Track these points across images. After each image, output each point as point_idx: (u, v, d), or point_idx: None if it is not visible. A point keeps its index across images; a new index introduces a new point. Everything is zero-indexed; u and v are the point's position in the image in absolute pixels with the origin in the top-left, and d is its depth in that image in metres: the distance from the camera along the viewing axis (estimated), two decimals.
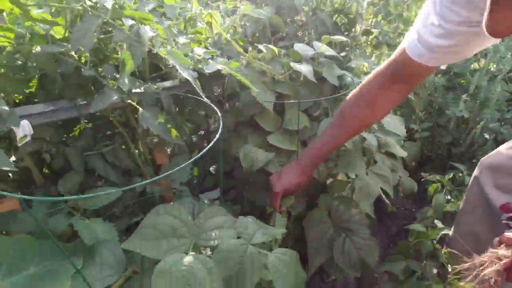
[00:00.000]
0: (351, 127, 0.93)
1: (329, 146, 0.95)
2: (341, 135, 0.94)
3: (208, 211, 0.72)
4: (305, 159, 0.98)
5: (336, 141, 0.95)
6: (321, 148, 0.96)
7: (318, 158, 0.98)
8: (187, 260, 0.59)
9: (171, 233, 0.67)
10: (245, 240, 0.64)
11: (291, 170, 0.98)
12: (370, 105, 0.88)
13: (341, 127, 0.94)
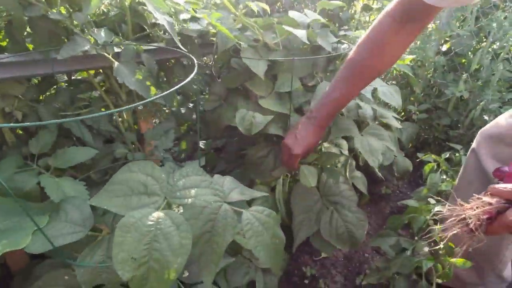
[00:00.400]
0: (363, 76, 0.87)
1: (343, 99, 0.90)
2: (354, 86, 0.89)
3: (183, 170, 0.67)
4: (320, 116, 0.91)
5: (350, 93, 0.90)
6: (335, 102, 0.90)
7: (333, 113, 0.92)
8: (154, 216, 0.55)
9: (142, 190, 0.63)
10: (220, 198, 0.59)
11: (307, 129, 0.91)
12: (381, 50, 0.83)
13: (353, 78, 0.88)
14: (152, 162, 0.67)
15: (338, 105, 0.91)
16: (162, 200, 0.62)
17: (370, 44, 0.84)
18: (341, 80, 0.89)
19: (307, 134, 0.91)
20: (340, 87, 0.89)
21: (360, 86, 0.91)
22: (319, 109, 0.92)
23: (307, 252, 1.36)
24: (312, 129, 0.91)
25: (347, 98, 0.91)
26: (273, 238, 0.58)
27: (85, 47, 0.68)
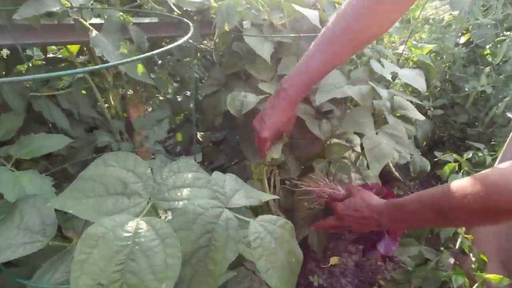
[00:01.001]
0: (350, 42, 0.70)
1: (322, 67, 0.72)
2: (337, 53, 0.71)
3: (174, 165, 0.53)
4: (292, 88, 0.73)
5: (331, 61, 0.72)
6: (312, 71, 0.72)
7: (308, 85, 0.74)
8: (132, 225, 0.41)
9: (120, 189, 0.49)
10: (220, 202, 0.46)
11: (276, 105, 0.74)
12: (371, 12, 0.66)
13: (337, 43, 0.70)
14: (134, 154, 0.53)
15: (315, 75, 0.73)
16: (146, 203, 0.49)
17: (350, 13, 0.68)
18: (321, 45, 0.71)
19: (274, 113, 0.74)
20: (319, 52, 0.71)
21: (344, 53, 0.73)
22: (291, 79, 0.74)
23: (314, 258, 1.23)
24: (281, 105, 0.74)
25: (326, 67, 0.73)
26: (289, 256, 0.44)
27: (54, 7, 0.54)
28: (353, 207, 0.71)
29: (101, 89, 0.96)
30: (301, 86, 0.73)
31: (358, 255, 1.27)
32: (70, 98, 0.78)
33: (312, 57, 0.72)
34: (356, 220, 0.71)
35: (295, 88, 0.73)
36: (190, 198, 0.49)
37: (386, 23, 0.71)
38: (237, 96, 0.85)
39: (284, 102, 0.74)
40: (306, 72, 0.72)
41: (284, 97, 0.74)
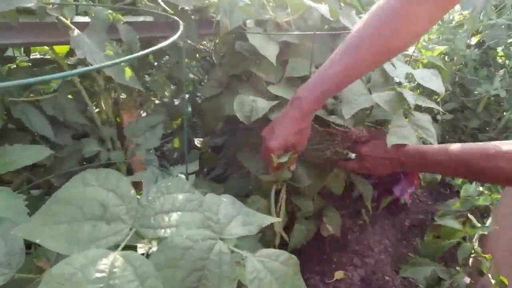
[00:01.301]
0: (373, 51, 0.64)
1: (342, 78, 0.66)
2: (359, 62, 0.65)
3: (162, 184, 0.47)
4: (307, 97, 0.67)
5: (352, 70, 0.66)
6: (331, 80, 0.65)
7: (325, 96, 0.68)
8: (107, 262, 0.35)
9: (99, 213, 0.43)
10: (213, 232, 0.39)
11: (287, 117, 0.69)
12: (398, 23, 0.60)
13: (360, 52, 0.64)
14: (117, 172, 0.47)
15: (333, 86, 0.67)
16: (128, 230, 0.42)
17: (385, 12, 0.62)
18: (342, 54, 0.66)
19: (284, 122, 0.68)
20: (340, 61, 0.65)
21: (367, 63, 0.66)
22: (306, 88, 0.68)
23: (318, 272, 1.16)
24: (292, 115, 0.68)
25: (347, 77, 0.67)
26: None
27: (28, 3, 0.47)
28: (378, 148, 0.75)
29: (91, 93, 0.90)
30: (316, 97, 0.67)
31: (364, 268, 1.20)
32: (55, 104, 0.72)
33: (332, 66, 0.66)
34: (379, 161, 0.76)
35: (309, 99, 0.67)
36: (179, 225, 0.42)
37: (414, 36, 0.64)
38: (246, 101, 0.78)
39: (296, 112, 0.68)
40: (322, 82, 0.66)
41: (297, 107, 0.68)
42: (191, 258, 0.36)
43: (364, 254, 1.27)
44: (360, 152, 0.78)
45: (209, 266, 0.37)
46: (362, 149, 0.78)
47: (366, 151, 0.77)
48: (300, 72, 0.87)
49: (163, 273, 0.35)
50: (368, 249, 1.30)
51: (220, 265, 0.37)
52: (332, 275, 1.14)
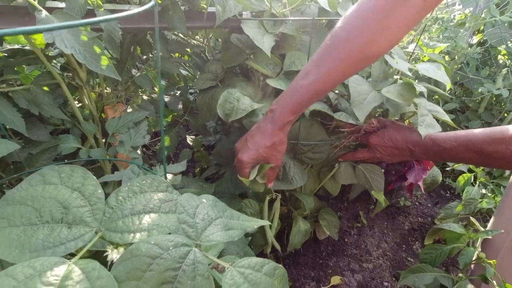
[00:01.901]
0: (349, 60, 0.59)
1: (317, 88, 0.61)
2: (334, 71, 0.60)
3: (135, 183, 0.41)
4: (281, 111, 0.64)
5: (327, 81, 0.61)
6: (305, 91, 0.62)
7: (299, 108, 0.64)
8: (59, 273, 0.29)
9: (59, 216, 0.37)
10: (188, 237, 0.34)
11: (260, 130, 0.66)
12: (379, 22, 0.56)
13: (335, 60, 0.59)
14: (84, 169, 0.41)
15: (308, 97, 0.62)
16: (93, 234, 0.37)
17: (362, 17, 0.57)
18: (317, 62, 0.61)
19: (258, 136, 0.65)
20: (314, 71, 0.61)
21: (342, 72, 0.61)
22: (280, 101, 0.65)
23: (314, 278, 1.10)
24: (267, 129, 0.65)
25: (322, 88, 0.62)
26: None
27: None
28: (388, 138, 0.75)
29: (73, 86, 0.84)
30: (289, 110, 0.63)
31: (362, 274, 1.14)
32: (28, 96, 0.66)
33: (305, 77, 0.62)
34: (389, 151, 0.76)
35: (282, 111, 0.64)
36: (151, 229, 0.37)
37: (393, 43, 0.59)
38: (229, 98, 0.73)
39: (268, 125, 0.65)
40: (296, 94, 0.62)
41: (270, 120, 0.65)
42: (159, 269, 0.31)
43: (361, 259, 1.21)
44: (370, 142, 0.78)
45: (181, 278, 0.31)
46: (371, 139, 0.78)
47: (376, 141, 0.77)
48: (298, 66, 0.83)
49: (125, 286, 0.30)
50: (366, 253, 1.25)
51: (195, 277, 0.32)
52: (328, 280, 1.09)
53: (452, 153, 0.68)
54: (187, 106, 1.16)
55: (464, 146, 0.66)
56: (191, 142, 1.27)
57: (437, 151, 0.70)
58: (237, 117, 0.67)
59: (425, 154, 0.73)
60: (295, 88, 0.63)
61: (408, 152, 0.75)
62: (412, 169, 0.86)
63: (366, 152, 0.81)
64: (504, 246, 0.84)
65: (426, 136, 0.71)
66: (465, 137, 0.66)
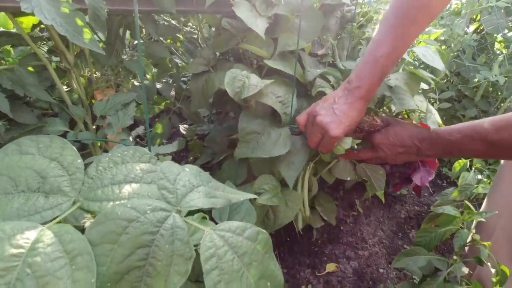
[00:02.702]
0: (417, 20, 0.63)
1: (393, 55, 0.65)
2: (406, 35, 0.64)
3: (116, 153, 0.40)
4: (366, 84, 0.66)
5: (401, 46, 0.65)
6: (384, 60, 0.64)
7: (381, 78, 0.67)
8: (30, 236, 0.28)
9: (35, 185, 0.36)
10: (167, 202, 0.33)
11: (349, 102, 0.66)
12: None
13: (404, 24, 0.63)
14: (62, 139, 0.40)
15: (387, 65, 0.66)
16: (70, 204, 0.36)
17: None
18: (387, 31, 0.65)
19: (349, 109, 0.66)
20: (388, 39, 0.64)
21: (413, 34, 0.65)
22: (362, 74, 0.67)
23: (309, 265, 1.09)
24: (356, 102, 0.66)
25: (397, 53, 0.66)
26: (261, 281, 0.31)
27: None
28: (393, 135, 0.72)
29: (62, 70, 0.83)
30: (375, 81, 0.66)
31: (358, 261, 1.14)
32: (12, 77, 0.65)
33: (380, 46, 0.65)
34: (394, 149, 0.73)
35: (370, 86, 0.66)
36: (131, 197, 0.36)
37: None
38: (237, 75, 0.71)
39: (361, 102, 0.66)
40: (375, 64, 0.65)
41: (360, 97, 0.66)
42: (136, 232, 0.30)
43: (357, 246, 1.21)
44: (374, 141, 0.74)
45: (159, 243, 0.30)
46: (375, 138, 0.74)
47: (380, 140, 0.73)
48: (292, 46, 0.81)
49: (99, 249, 0.29)
50: (362, 241, 1.24)
51: (173, 241, 0.30)
52: (323, 267, 1.08)
53: (458, 145, 0.66)
54: (180, 94, 1.15)
55: (469, 136, 0.64)
56: (184, 131, 1.26)
57: (444, 144, 0.68)
58: (249, 94, 0.66)
59: (432, 150, 0.70)
60: (373, 60, 0.65)
61: (415, 149, 0.71)
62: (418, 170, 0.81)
63: (369, 151, 0.77)
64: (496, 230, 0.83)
65: (432, 131, 0.69)
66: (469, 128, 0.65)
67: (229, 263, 0.29)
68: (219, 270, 0.29)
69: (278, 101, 0.72)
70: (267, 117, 0.78)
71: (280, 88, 0.73)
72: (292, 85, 0.75)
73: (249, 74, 0.70)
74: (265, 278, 0.32)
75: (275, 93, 0.72)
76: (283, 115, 0.72)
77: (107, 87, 0.89)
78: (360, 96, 0.66)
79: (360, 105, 0.66)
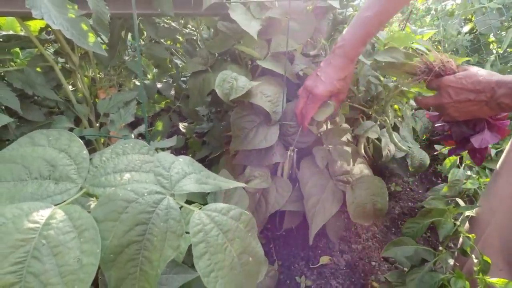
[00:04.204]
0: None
1: (377, 18, 0.68)
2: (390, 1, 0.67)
3: (118, 145, 0.45)
4: (349, 43, 0.69)
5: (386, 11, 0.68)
6: (368, 22, 0.68)
7: (365, 39, 0.69)
8: (44, 214, 0.33)
9: (47, 173, 0.41)
10: (162, 187, 0.37)
11: (333, 62, 0.70)
12: None
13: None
14: (70, 133, 0.45)
15: (371, 27, 0.69)
16: (77, 189, 0.40)
17: None
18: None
19: (330, 69, 0.69)
20: (376, 2, 0.67)
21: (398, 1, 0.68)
22: (346, 35, 0.70)
23: (302, 257, 1.14)
24: (338, 61, 0.69)
25: (381, 18, 0.68)
26: (243, 255, 0.36)
27: None
28: (467, 78, 0.62)
29: (67, 71, 0.88)
30: (358, 41, 0.68)
31: (351, 254, 1.18)
32: (22, 77, 0.69)
33: (366, 9, 0.68)
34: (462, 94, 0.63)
35: (351, 43, 0.68)
36: (131, 184, 0.40)
37: None
38: (227, 77, 0.76)
39: (341, 59, 0.69)
40: (361, 26, 0.68)
41: (341, 54, 0.69)
42: (134, 211, 0.34)
43: (351, 240, 1.25)
44: (441, 83, 0.66)
45: (155, 221, 0.35)
46: (444, 79, 0.65)
47: (449, 82, 0.64)
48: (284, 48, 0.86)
49: (103, 225, 0.33)
50: (356, 235, 1.28)
51: (167, 220, 0.35)
52: (317, 260, 1.12)
53: None
54: (179, 93, 1.19)
55: None
56: (184, 129, 1.30)
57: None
58: (237, 95, 0.70)
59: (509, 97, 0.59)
60: (361, 20, 0.68)
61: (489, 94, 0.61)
62: (481, 132, 0.69)
63: (435, 98, 0.68)
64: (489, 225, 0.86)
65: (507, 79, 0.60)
66: None
67: (214, 238, 0.34)
68: (205, 243, 0.33)
69: (267, 101, 0.76)
70: (261, 115, 0.82)
71: (270, 88, 0.78)
72: (282, 85, 0.79)
73: (238, 76, 0.75)
74: (247, 253, 0.36)
75: (265, 93, 0.76)
76: (273, 114, 0.76)
77: (110, 87, 0.94)
78: (341, 54, 0.69)
79: (342, 63, 0.69)
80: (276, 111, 0.77)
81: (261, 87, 0.76)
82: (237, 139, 0.80)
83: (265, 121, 0.80)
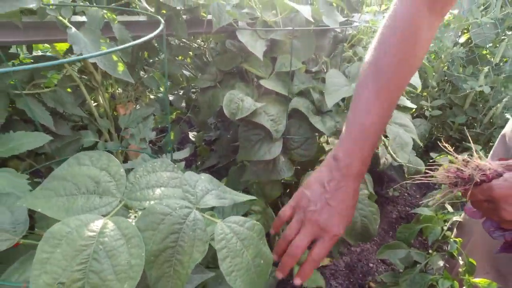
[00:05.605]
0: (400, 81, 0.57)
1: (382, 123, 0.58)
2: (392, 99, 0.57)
3: (149, 164, 0.53)
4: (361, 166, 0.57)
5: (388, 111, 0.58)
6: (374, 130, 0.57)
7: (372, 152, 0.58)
8: (98, 224, 0.41)
9: (92, 188, 0.49)
10: (190, 202, 0.45)
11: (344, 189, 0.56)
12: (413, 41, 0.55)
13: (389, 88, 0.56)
14: (108, 154, 0.53)
15: (378, 134, 0.58)
16: (117, 202, 0.49)
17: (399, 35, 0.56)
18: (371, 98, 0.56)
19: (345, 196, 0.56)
20: (373, 107, 0.56)
21: (398, 95, 0.59)
22: (351, 150, 0.57)
23: None
24: (350, 184, 0.56)
25: (385, 120, 0.59)
26: (256, 258, 0.44)
27: (30, 4, 0.54)
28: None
29: (90, 88, 0.96)
30: (367, 158, 0.57)
31: (350, 256, 1.26)
32: (55, 97, 0.78)
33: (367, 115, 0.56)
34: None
35: (361, 161, 0.56)
36: (162, 198, 0.49)
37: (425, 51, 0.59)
38: (234, 98, 0.84)
39: (355, 182, 0.57)
40: (365, 136, 0.56)
41: (353, 176, 0.56)
42: (169, 223, 0.42)
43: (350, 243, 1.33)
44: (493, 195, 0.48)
45: (185, 230, 0.43)
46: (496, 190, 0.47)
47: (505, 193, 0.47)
48: (288, 67, 0.94)
49: (145, 234, 0.41)
50: None
51: (195, 229, 0.43)
52: None
53: None
54: (189, 104, 1.28)
55: None
56: (193, 138, 1.39)
57: None
58: (243, 115, 0.78)
59: None
60: (362, 130, 0.57)
61: None
62: None
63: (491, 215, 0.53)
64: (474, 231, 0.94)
65: None
66: None
67: (234, 245, 0.42)
68: (227, 249, 0.41)
69: (270, 119, 0.84)
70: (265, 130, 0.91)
71: (274, 108, 0.86)
72: (286, 104, 0.87)
73: (244, 97, 0.83)
74: (259, 256, 0.44)
75: (268, 113, 0.84)
76: (274, 132, 0.84)
77: (128, 101, 1.03)
78: (352, 175, 0.56)
79: (355, 186, 0.57)
80: (278, 129, 0.85)
81: (265, 106, 0.85)
82: (243, 150, 0.89)
83: (269, 135, 0.88)
